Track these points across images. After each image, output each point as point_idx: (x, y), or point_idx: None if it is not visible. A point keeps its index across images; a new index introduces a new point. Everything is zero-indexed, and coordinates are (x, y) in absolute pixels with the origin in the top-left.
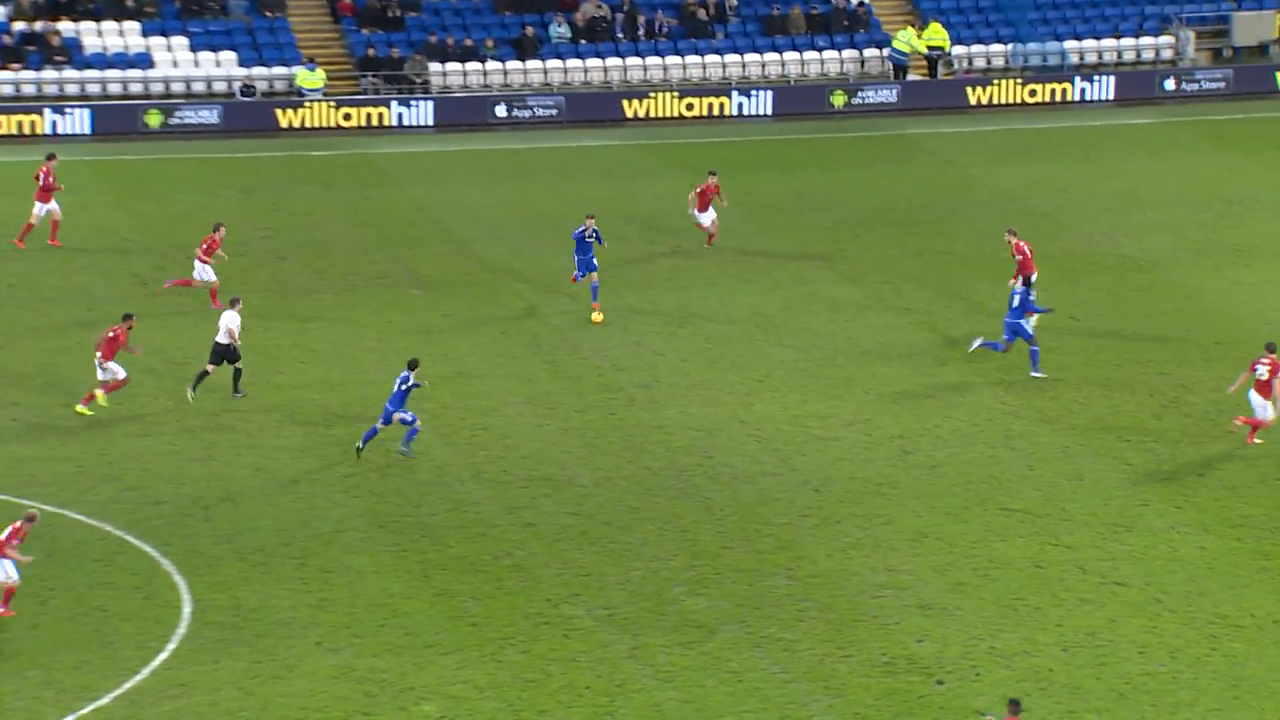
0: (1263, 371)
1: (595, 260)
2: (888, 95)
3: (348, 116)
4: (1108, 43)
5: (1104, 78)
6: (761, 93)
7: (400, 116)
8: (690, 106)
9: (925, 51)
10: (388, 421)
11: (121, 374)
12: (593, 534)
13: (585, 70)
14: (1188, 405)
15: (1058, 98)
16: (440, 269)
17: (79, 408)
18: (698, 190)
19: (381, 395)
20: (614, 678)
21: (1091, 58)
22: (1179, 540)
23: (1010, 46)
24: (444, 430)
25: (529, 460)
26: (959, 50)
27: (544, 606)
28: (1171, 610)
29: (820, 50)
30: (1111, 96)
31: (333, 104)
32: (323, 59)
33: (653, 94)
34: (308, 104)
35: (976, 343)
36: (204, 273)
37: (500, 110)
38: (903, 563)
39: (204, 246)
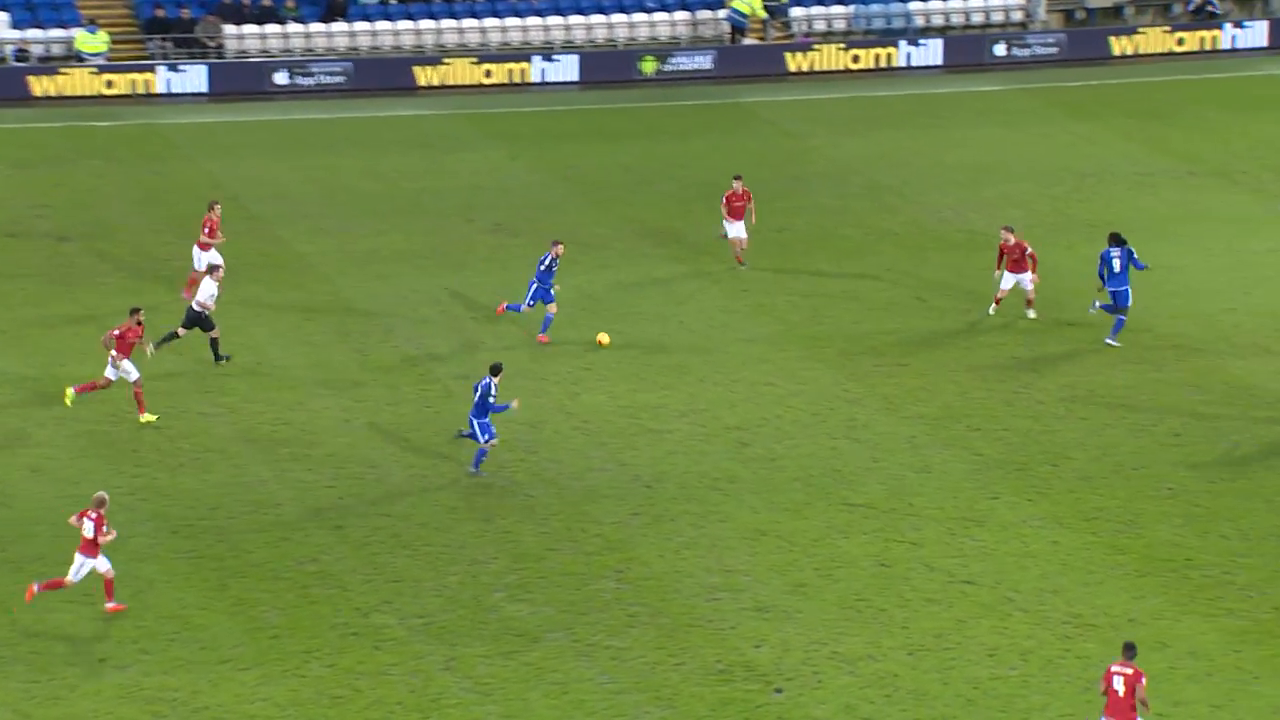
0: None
1: (553, 290)
2: (702, 61)
3: (110, 84)
4: (935, 4)
5: (931, 42)
6: (566, 58)
7: (169, 83)
8: (489, 73)
9: (764, 16)
10: (476, 435)
11: (134, 374)
12: (406, 536)
13: (374, 34)
14: (1040, 390)
15: (883, 63)
16: (236, 249)
17: (143, 417)
18: (725, 196)
19: (176, 391)
20: (429, 692)
21: (921, 21)
22: (1031, 535)
23: (852, 9)
24: (242, 425)
25: (336, 458)
26: (798, 13)
27: (352, 616)
28: (1023, 610)
29: (629, 13)
30: (940, 62)
31: (93, 70)
32: (106, 20)
33: (448, 60)
34: (63, 70)
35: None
36: (212, 257)
37: (280, 77)
38: (740, 563)
39: (206, 230)
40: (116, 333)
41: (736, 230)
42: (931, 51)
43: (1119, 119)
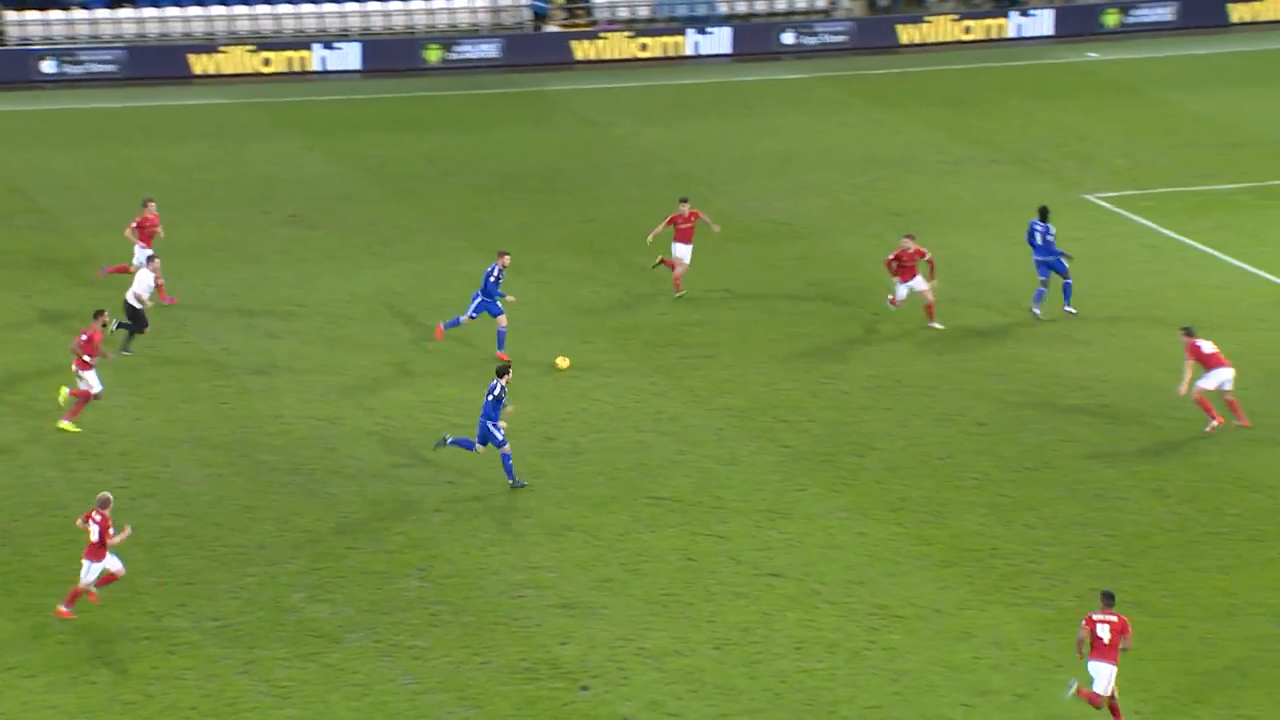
0: None
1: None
2: (489, 50)
3: None
4: None
5: (719, 30)
6: (348, 46)
7: None
8: (268, 61)
9: (563, 1)
10: (485, 441)
11: (97, 387)
12: (201, 537)
13: (141, 22)
14: (846, 381)
15: (670, 52)
16: (23, 244)
17: (63, 423)
18: (670, 217)
19: None
20: (225, 696)
21: (724, 8)
22: (837, 527)
23: None
24: (29, 425)
25: (127, 457)
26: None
27: (145, 620)
28: (830, 602)
29: (408, 0)
30: (729, 50)
31: None
32: None
33: (224, 48)
34: None
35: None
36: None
37: (48, 66)
38: (545, 559)
39: (134, 225)
40: (84, 337)
41: (683, 252)
42: (720, 39)
43: (922, 107)
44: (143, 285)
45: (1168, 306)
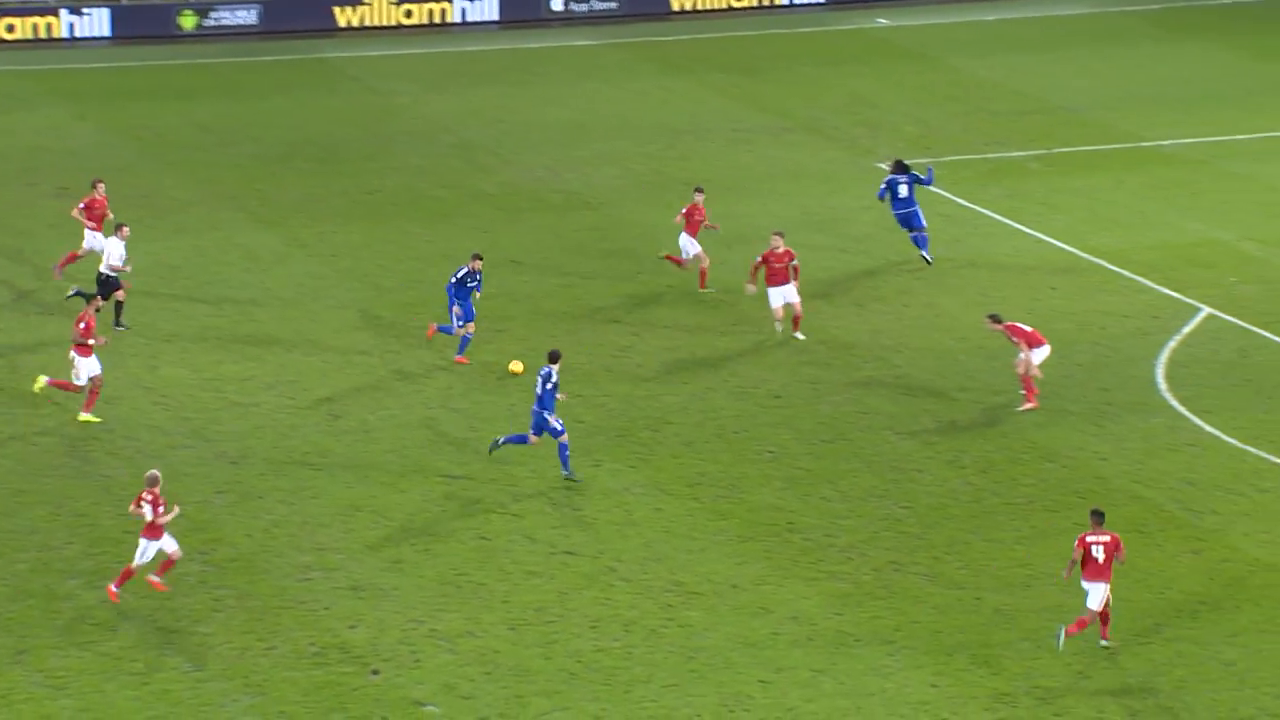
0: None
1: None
2: (246, 16)
3: None
4: None
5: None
6: (96, 11)
7: None
8: (11, 28)
9: None
10: (539, 431)
11: (83, 379)
12: None
13: None
14: (641, 353)
15: (437, 19)
16: None
17: (83, 416)
18: (684, 212)
19: None
20: None
21: None
22: (633, 503)
23: None
24: None
25: None
26: None
27: None
28: (626, 580)
29: None
30: (496, 17)
31: None
32: None
33: None
34: None
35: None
36: (94, 241)
37: None
38: (333, 540)
39: (82, 206)
40: (82, 325)
41: (697, 247)
42: (487, 6)
43: (713, 74)
44: (115, 255)
45: (961, 275)
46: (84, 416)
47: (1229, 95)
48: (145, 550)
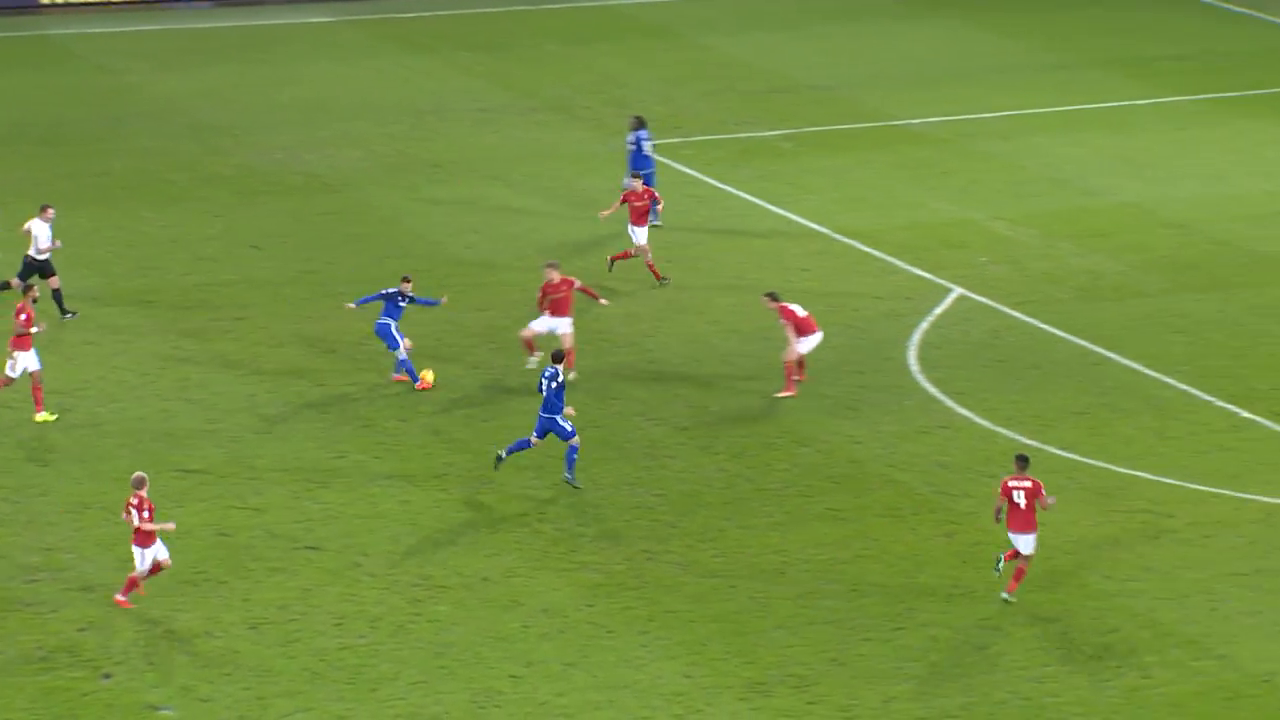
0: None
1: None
2: None
3: None
4: None
5: None
6: None
7: None
8: None
9: None
10: (544, 434)
11: (18, 372)
12: None
13: None
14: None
15: None
16: None
17: (39, 416)
18: (623, 195)
19: None
20: None
21: None
22: (380, 495)
23: None
24: None
25: None
26: None
27: None
28: (372, 574)
29: None
30: None
31: None
32: None
33: None
34: None
35: None
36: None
37: None
38: (62, 540)
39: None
40: (22, 316)
41: (641, 237)
42: None
43: (457, 52)
44: (44, 238)
45: (713, 258)
46: (41, 417)
47: (975, 73)
48: (142, 558)
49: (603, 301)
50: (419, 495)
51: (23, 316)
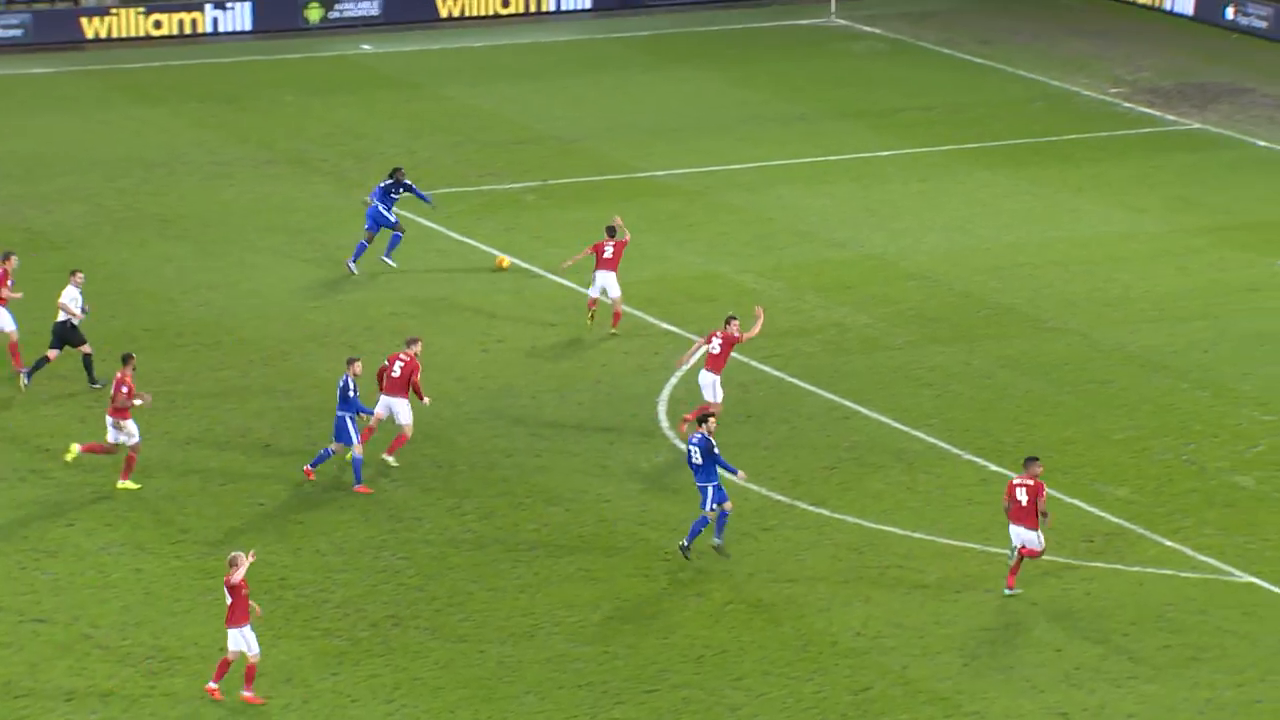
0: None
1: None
2: None
3: None
4: None
5: None
6: None
7: None
8: None
9: None
10: (720, 500)
11: (136, 437)
12: None
13: None
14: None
15: None
16: None
17: (121, 483)
18: (592, 250)
19: None
20: None
21: None
22: (110, 564)
23: None
24: None
25: None
26: None
27: None
28: (103, 647)
29: None
30: None
31: None
32: None
33: None
34: None
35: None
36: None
37: None
38: None
39: None
40: (125, 389)
41: (609, 281)
42: None
43: (189, 104)
44: (71, 301)
45: (458, 314)
46: (123, 484)
47: (721, 124)
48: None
49: (425, 400)
50: (152, 563)
51: (124, 389)
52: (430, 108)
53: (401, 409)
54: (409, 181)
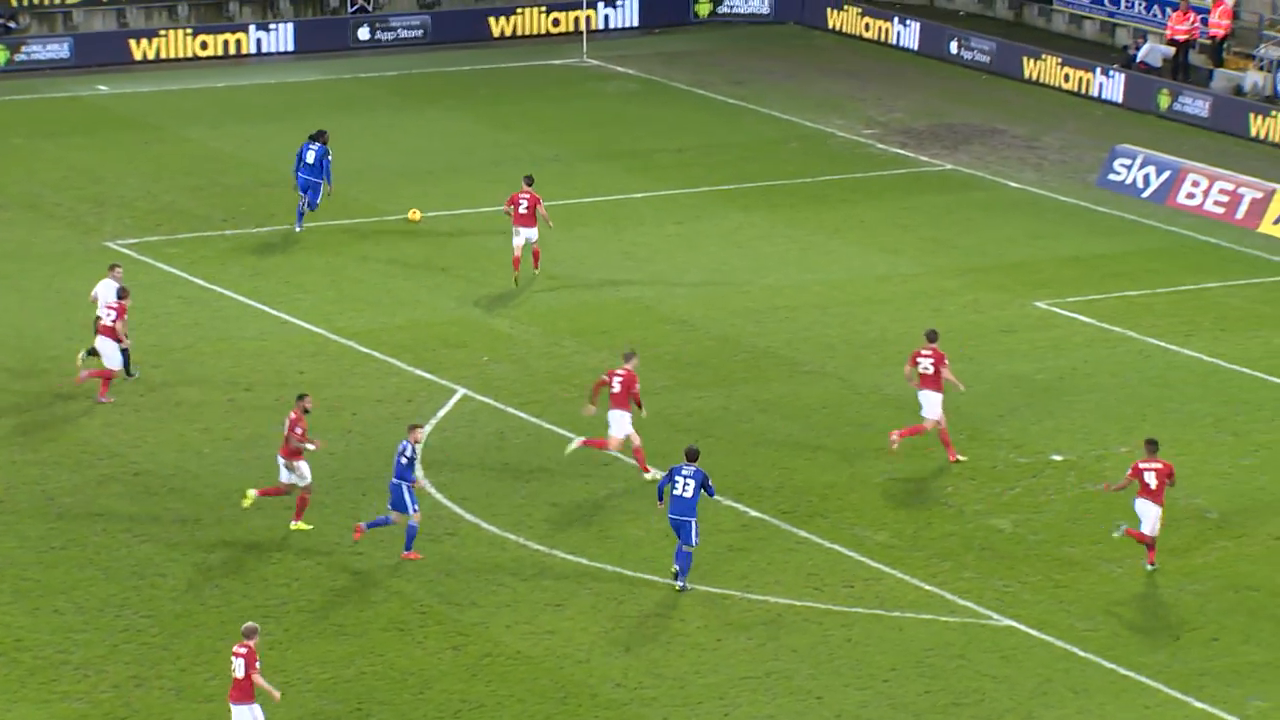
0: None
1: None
2: None
3: None
4: None
5: None
6: None
7: None
8: None
9: None
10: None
11: (308, 478)
12: None
13: None
14: None
15: None
16: None
17: (295, 524)
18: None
19: None
20: None
21: None
22: None
23: None
24: None
25: None
26: None
27: None
28: None
29: None
30: None
31: None
32: None
33: None
34: None
35: None
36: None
37: None
38: None
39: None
40: (298, 430)
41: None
42: None
43: None
44: (107, 295)
45: (202, 362)
46: (297, 525)
47: (473, 166)
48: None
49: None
50: None
51: (299, 430)
52: (171, 150)
53: (619, 420)
54: (327, 148)
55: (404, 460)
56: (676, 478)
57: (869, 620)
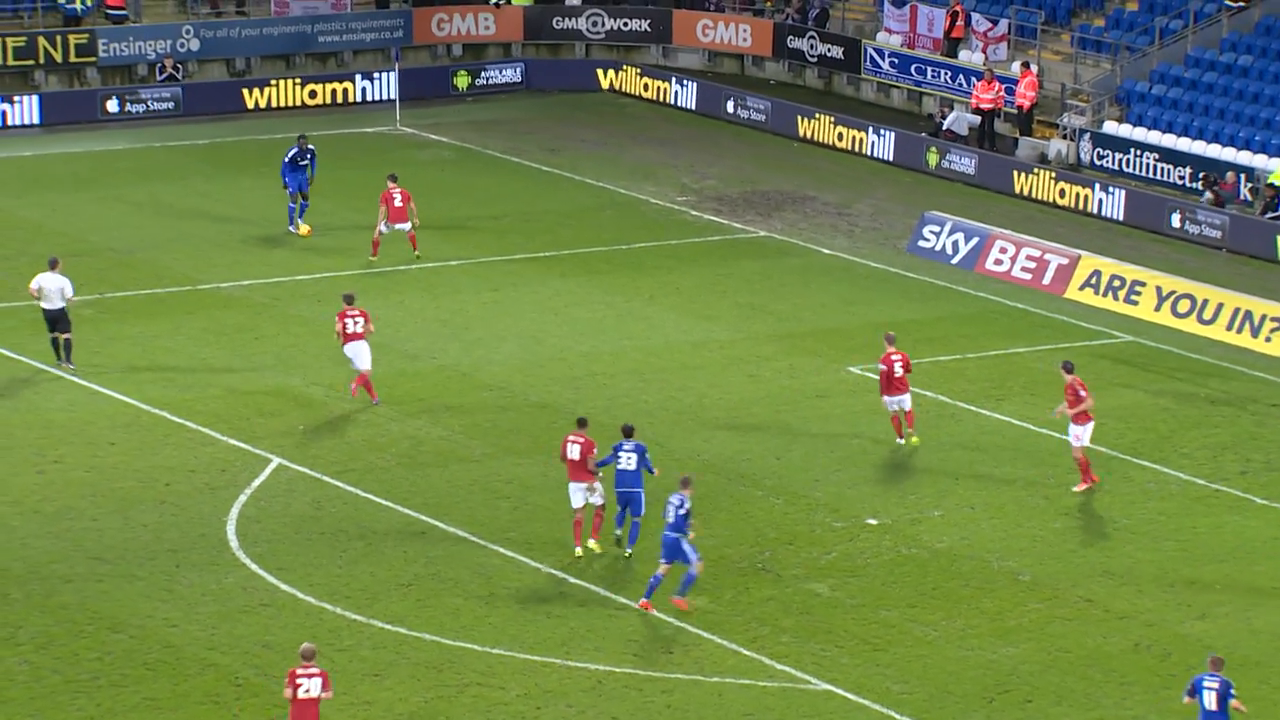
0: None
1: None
2: None
3: None
4: None
5: None
6: None
7: None
8: None
9: None
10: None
11: (604, 498)
12: None
13: None
14: None
15: None
16: None
17: (592, 543)
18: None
19: None
20: None
21: None
22: None
23: None
24: None
25: None
26: None
27: None
28: None
29: None
30: None
31: None
32: None
33: None
34: None
35: None
36: None
37: None
38: None
39: None
40: (582, 457)
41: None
42: None
43: None
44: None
45: (9, 434)
46: (590, 544)
47: (285, 235)
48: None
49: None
50: None
51: (591, 454)
52: None
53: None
54: (312, 148)
55: (682, 513)
56: (620, 453)
57: (689, 686)
